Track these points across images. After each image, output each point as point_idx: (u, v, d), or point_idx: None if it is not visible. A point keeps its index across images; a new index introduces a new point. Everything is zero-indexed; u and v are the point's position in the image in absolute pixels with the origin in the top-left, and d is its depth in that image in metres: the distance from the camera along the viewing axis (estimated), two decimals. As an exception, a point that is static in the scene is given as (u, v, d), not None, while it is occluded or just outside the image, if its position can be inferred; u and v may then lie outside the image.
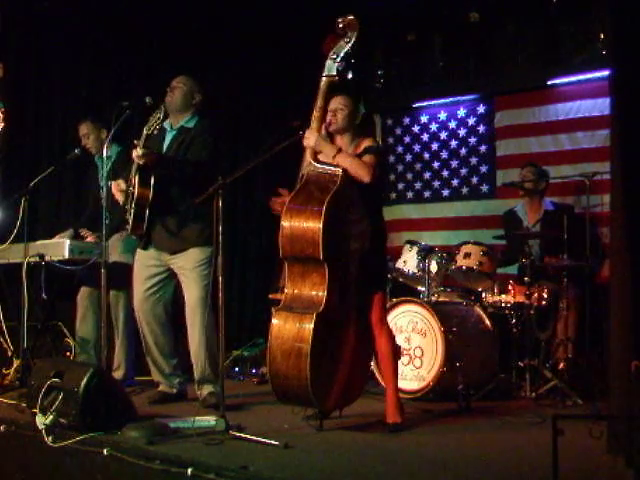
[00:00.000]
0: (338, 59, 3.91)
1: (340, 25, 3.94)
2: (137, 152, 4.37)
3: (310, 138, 3.88)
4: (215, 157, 4.59)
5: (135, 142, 4.42)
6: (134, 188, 4.46)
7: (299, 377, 3.64)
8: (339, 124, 3.96)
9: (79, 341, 5.28)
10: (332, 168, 3.86)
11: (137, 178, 4.44)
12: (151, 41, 6.36)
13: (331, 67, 3.92)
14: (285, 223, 3.79)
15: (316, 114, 3.93)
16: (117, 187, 4.58)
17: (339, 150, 3.87)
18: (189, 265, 4.53)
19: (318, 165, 3.90)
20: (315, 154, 3.93)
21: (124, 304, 5.18)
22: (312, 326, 3.63)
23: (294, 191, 3.90)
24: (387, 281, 5.23)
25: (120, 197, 4.60)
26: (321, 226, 3.68)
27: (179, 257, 4.55)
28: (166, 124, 4.72)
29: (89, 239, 5.21)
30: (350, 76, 3.96)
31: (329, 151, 3.87)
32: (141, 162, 4.39)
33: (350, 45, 3.92)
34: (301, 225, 3.74)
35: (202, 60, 6.54)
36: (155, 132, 4.49)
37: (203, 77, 6.30)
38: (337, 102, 3.96)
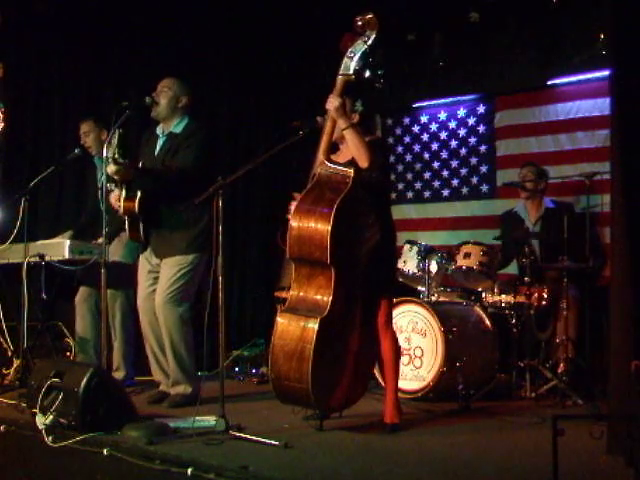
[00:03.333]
0: (355, 58, 3.85)
1: (359, 23, 3.86)
2: (110, 168, 4.31)
3: (333, 102, 3.82)
4: (203, 160, 4.52)
5: (109, 158, 4.31)
6: (120, 202, 4.46)
7: (300, 380, 3.62)
8: None
9: (78, 341, 5.29)
10: (344, 169, 3.82)
11: (123, 192, 4.44)
12: (151, 41, 6.35)
13: (348, 66, 3.86)
14: (294, 223, 3.75)
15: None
16: (115, 198, 4.55)
17: (352, 125, 3.84)
18: (163, 272, 4.57)
19: (330, 165, 3.86)
20: (328, 154, 3.91)
21: (121, 304, 5.18)
22: (316, 330, 3.60)
23: (305, 190, 3.85)
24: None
25: (119, 208, 4.57)
26: (329, 229, 3.63)
27: (163, 262, 4.59)
28: (158, 130, 4.72)
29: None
30: (367, 75, 3.87)
31: (342, 122, 3.83)
32: (116, 177, 4.36)
33: (369, 44, 3.85)
34: (309, 227, 3.70)
35: (202, 60, 6.56)
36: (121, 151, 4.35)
37: (203, 77, 6.36)
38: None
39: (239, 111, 7.02)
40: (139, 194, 4.43)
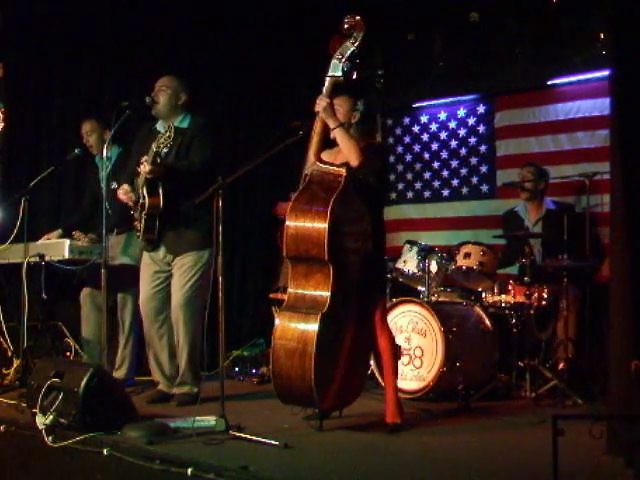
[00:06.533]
0: (343, 59, 3.89)
1: (346, 25, 3.91)
2: (145, 168, 4.39)
3: (320, 104, 3.87)
4: (216, 153, 4.62)
5: (144, 159, 4.43)
6: (144, 199, 4.48)
7: (303, 377, 3.63)
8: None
9: (84, 343, 5.29)
10: (336, 168, 3.86)
11: (145, 189, 4.46)
12: (151, 40, 6.35)
13: (336, 67, 3.89)
14: (290, 223, 3.78)
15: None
16: (123, 191, 4.58)
17: (341, 125, 3.88)
18: (180, 269, 4.58)
19: (322, 165, 3.89)
20: (319, 155, 3.93)
21: (131, 306, 5.17)
22: (317, 326, 3.62)
23: (298, 191, 3.89)
24: (386, 282, 5.25)
25: (127, 200, 4.60)
26: (326, 226, 3.67)
27: (179, 259, 4.59)
28: (159, 127, 4.72)
29: (81, 241, 5.20)
30: (355, 76, 3.93)
31: (331, 122, 3.87)
32: (150, 177, 4.42)
33: (356, 46, 3.90)
34: (306, 225, 3.73)
35: (202, 60, 6.55)
36: (165, 150, 4.48)
37: (203, 77, 6.36)
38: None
39: (239, 111, 7.01)
40: (161, 190, 4.46)
